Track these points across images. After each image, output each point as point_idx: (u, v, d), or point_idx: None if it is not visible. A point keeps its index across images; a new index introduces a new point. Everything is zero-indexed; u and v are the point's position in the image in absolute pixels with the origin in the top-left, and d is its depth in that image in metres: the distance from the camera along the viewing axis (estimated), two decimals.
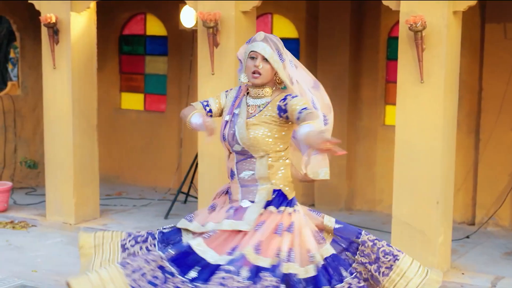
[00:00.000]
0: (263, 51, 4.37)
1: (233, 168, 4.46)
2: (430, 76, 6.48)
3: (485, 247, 7.74)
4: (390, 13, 9.07)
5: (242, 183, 4.44)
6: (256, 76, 4.40)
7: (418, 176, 6.61)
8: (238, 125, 4.39)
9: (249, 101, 4.49)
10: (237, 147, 4.40)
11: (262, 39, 4.41)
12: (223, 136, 4.48)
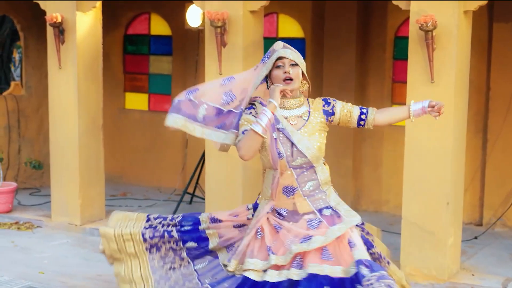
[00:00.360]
0: (290, 56, 4.37)
1: (292, 184, 4.36)
2: (440, 76, 6.43)
3: (494, 248, 7.69)
4: (397, 12, 9.04)
5: (307, 195, 4.38)
6: (289, 82, 4.35)
7: (428, 177, 6.56)
8: (296, 138, 4.32)
9: (283, 113, 4.40)
10: (299, 161, 4.33)
11: (283, 47, 4.40)
12: (280, 154, 4.32)
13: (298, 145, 4.30)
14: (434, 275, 6.60)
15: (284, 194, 4.38)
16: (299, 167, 4.34)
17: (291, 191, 4.37)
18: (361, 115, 4.55)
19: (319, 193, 4.39)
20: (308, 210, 4.37)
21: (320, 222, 4.35)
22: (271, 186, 4.38)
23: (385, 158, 9.20)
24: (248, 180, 7.47)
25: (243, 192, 7.42)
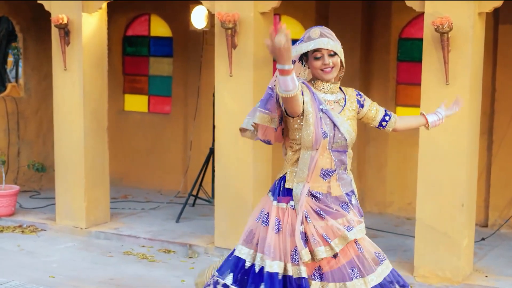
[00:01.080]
0: (328, 46, 4.31)
1: (331, 167, 4.34)
2: (455, 78, 6.43)
3: (503, 250, 7.71)
4: (401, 14, 9.09)
5: (340, 178, 4.40)
6: (329, 71, 4.33)
7: (443, 179, 6.55)
8: (338, 120, 4.32)
9: (325, 97, 4.38)
10: (339, 143, 4.33)
11: (320, 35, 4.32)
12: (324, 134, 4.28)
13: (341, 128, 4.31)
14: (448, 277, 6.59)
15: (322, 176, 4.34)
16: (337, 150, 4.34)
17: (328, 174, 4.35)
18: (385, 116, 4.72)
19: (346, 177, 4.44)
20: (339, 194, 4.38)
21: (348, 207, 4.39)
22: (309, 167, 4.32)
23: (389, 160, 9.20)
24: (258, 182, 7.43)
25: (253, 194, 7.37)
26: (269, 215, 4.43)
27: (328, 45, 4.30)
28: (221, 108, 7.42)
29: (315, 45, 4.31)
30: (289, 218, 4.33)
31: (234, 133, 7.33)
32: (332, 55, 4.32)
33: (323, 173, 4.34)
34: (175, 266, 7.23)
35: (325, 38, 4.33)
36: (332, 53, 4.32)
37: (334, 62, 4.32)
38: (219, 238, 7.55)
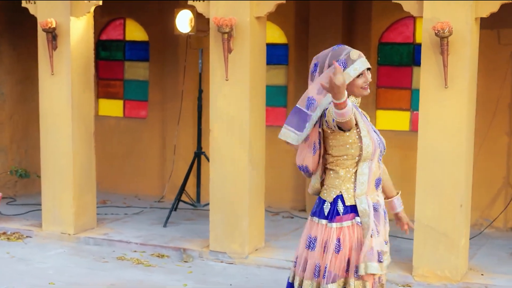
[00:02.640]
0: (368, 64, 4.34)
1: (379, 175, 4.38)
2: (454, 81, 6.59)
3: (489, 249, 7.90)
4: (381, 19, 9.26)
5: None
6: (367, 87, 4.34)
7: (442, 180, 6.70)
8: (377, 131, 4.41)
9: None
10: (383, 152, 4.40)
11: (359, 56, 4.29)
12: (378, 144, 4.32)
13: (381, 137, 4.38)
14: (447, 276, 6.74)
15: (375, 186, 4.35)
16: (380, 157, 4.40)
17: (378, 183, 4.38)
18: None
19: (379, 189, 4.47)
20: (382, 202, 4.40)
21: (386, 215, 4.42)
22: (368, 178, 4.30)
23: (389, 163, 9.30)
24: (254, 186, 7.48)
25: (249, 198, 7.41)
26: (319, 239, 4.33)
27: (367, 63, 4.34)
28: (216, 113, 7.44)
29: (366, 65, 4.29)
30: (355, 234, 4.27)
31: (230, 137, 7.38)
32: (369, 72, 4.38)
33: (376, 182, 4.37)
34: (172, 271, 7.22)
35: (363, 57, 4.35)
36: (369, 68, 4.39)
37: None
38: (214, 242, 7.57)
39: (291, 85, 9.65)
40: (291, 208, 9.66)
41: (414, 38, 9.17)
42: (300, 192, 9.67)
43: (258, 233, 7.66)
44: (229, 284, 6.85)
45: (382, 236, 4.29)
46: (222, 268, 7.32)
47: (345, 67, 4.25)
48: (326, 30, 9.27)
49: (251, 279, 7.00)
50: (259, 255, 7.49)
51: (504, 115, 8.65)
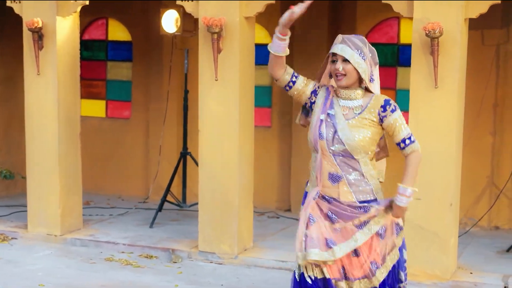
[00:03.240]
0: (342, 53, 4.39)
1: (336, 171, 4.40)
2: (444, 82, 6.64)
3: (476, 247, 7.97)
4: (366, 19, 9.31)
5: (352, 184, 4.42)
6: (340, 78, 4.42)
7: (432, 180, 6.74)
8: (340, 126, 4.39)
9: (341, 102, 4.48)
10: (338, 147, 4.38)
11: (341, 41, 4.43)
12: (320, 135, 4.41)
13: (340, 133, 4.37)
14: (437, 275, 6.80)
15: (330, 180, 4.42)
16: (340, 154, 4.39)
17: (336, 179, 4.41)
18: (400, 143, 4.53)
19: (365, 185, 4.44)
20: (350, 200, 4.43)
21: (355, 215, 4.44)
22: (315, 169, 4.47)
23: None
24: (244, 186, 7.48)
25: (239, 198, 7.41)
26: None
27: (342, 51, 4.38)
28: (205, 112, 7.43)
29: (332, 49, 4.45)
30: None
31: (220, 137, 7.38)
32: (347, 61, 4.39)
33: (331, 177, 4.42)
34: (162, 271, 7.20)
35: (343, 44, 4.41)
36: (346, 59, 4.39)
37: (346, 70, 4.38)
38: (203, 242, 7.55)
39: (276, 86, 9.64)
40: (276, 208, 9.67)
41: (398, 39, 9.24)
42: (285, 192, 9.69)
43: (247, 233, 7.67)
44: (221, 284, 6.84)
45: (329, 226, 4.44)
46: (212, 268, 7.31)
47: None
48: (311, 31, 9.31)
49: (242, 279, 6.99)
50: (249, 255, 7.49)
51: (489, 115, 8.74)
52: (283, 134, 9.67)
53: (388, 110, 4.47)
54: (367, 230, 4.45)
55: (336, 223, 4.46)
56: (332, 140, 4.39)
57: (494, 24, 8.60)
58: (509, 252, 7.78)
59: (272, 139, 9.59)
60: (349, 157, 4.39)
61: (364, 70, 4.41)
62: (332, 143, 4.39)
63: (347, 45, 4.41)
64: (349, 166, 4.41)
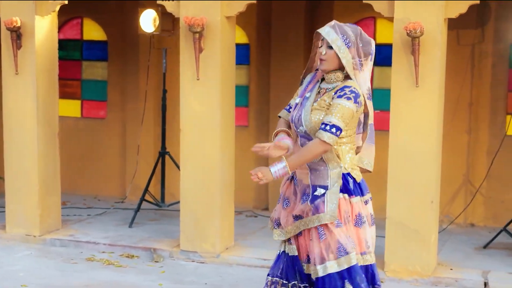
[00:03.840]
0: (326, 36, 4.43)
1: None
2: (425, 81, 6.73)
3: (454, 244, 8.08)
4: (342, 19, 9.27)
5: (312, 167, 4.50)
6: (321, 62, 4.50)
7: (413, 178, 6.82)
8: (304, 108, 4.50)
9: (323, 85, 4.57)
10: (301, 129, 4.50)
11: (331, 26, 4.47)
12: (291, 118, 4.58)
13: (302, 114, 4.48)
14: (418, 271, 6.88)
15: None
16: (305, 136, 4.50)
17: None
18: (321, 125, 4.41)
19: (324, 169, 4.48)
20: (306, 183, 4.54)
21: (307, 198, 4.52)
22: (294, 151, 4.58)
23: None
24: (226, 185, 7.51)
25: (221, 197, 7.44)
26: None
27: (326, 35, 4.41)
28: (187, 112, 7.44)
29: (319, 29, 4.50)
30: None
31: (201, 136, 7.40)
32: (330, 48, 4.44)
33: None
34: (145, 271, 7.19)
35: (330, 28, 4.45)
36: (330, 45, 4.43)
37: (327, 55, 4.43)
38: (185, 241, 7.56)
39: (253, 85, 9.71)
40: (253, 208, 9.71)
41: (375, 38, 9.31)
42: (262, 191, 9.73)
43: (228, 232, 7.69)
44: (204, 283, 6.86)
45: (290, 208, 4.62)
46: (194, 267, 7.33)
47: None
48: (288, 30, 9.37)
49: (225, 278, 7.02)
50: (231, 254, 7.52)
51: (464, 114, 8.86)
52: (260, 133, 9.71)
53: (338, 93, 4.43)
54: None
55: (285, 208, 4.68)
56: (298, 121, 4.52)
57: (469, 24, 8.72)
58: (486, 248, 7.90)
59: (249, 138, 9.62)
60: (310, 139, 4.47)
61: (345, 56, 4.42)
62: (297, 125, 4.53)
63: (334, 30, 4.45)
64: None
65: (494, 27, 8.83)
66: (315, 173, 4.50)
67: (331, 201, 4.44)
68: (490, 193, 8.90)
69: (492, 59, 8.86)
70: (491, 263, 7.35)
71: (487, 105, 8.93)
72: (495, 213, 8.98)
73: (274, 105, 9.54)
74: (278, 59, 9.45)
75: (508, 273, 7.02)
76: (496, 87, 8.87)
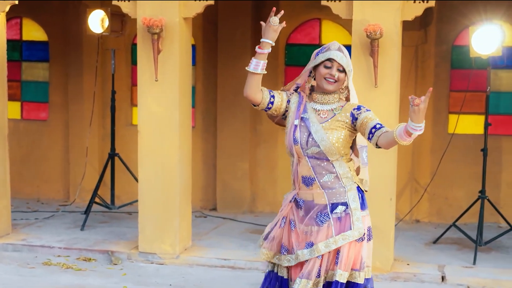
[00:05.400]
0: (341, 61, 4.53)
1: (309, 174, 4.53)
2: (383, 81, 6.91)
3: (404, 240, 8.28)
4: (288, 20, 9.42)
5: (326, 187, 4.54)
6: (331, 82, 4.55)
7: (373, 175, 6.85)
8: (314, 129, 4.51)
9: (316, 106, 4.61)
10: (314, 150, 4.49)
11: (337, 49, 4.56)
12: (295, 140, 4.54)
13: (314, 135, 4.51)
14: (378, 267, 7.04)
15: (304, 183, 4.56)
16: (314, 157, 4.52)
17: (309, 181, 4.55)
18: (372, 129, 4.48)
19: (339, 187, 4.56)
20: (322, 203, 4.54)
21: (328, 219, 4.53)
22: (292, 173, 4.61)
23: (280, 161, 9.55)
24: (184, 185, 7.52)
25: (180, 198, 7.44)
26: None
27: (341, 60, 4.54)
28: (145, 113, 7.42)
29: (329, 55, 4.54)
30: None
31: (160, 137, 7.39)
32: (341, 71, 4.55)
33: (304, 180, 4.57)
34: (106, 274, 7.14)
35: (340, 53, 4.56)
36: (342, 69, 4.55)
37: (340, 77, 4.55)
38: (143, 243, 7.54)
39: (199, 85, 9.72)
40: (201, 208, 9.72)
41: (320, 40, 9.47)
42: (210, 191, 9.77)
43: (187, 233, 7.71)
44: (169, 284, 6.86)
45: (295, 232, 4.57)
46: (155, 269, 7.31)
47: (321, 51, 4.62)
48: (235, 31, 9.43)
49: (188, 279, 7.04)
50: (190, 255, 7.54)
51: (407, 113, 9.06)
52: (207, 134, 9.74)
53: (363, 109, 4.61)
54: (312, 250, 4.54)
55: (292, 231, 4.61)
56: (306, 143, 4.52)
57: (413, 26, 8.95)
58: (436, 243, 8.15)
59: (196, 139, 9.62)
60: (324, 159, 4.52)
61: (351, 81, 4.66)
62: (307, 146, 4.52)
63: (343, 54, 4.57)
64: (323, 168, 4.53)
65: (436, 28, 9.12)
66: (330, 191, 4.54)
67: (356, 218, 4.55)
68: (434, 190, 9.17)
69: (435, 59, 9.15)
70: (444, 258, 7.59)
71: (430, 105, 9.16)
72: (439, 209, 9.27)
73: (221, 105, 9.59)
74: (225, 59, 9.49)
75: (463, 267, 7.28)
76: (439, 87, 9.15)
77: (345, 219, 4.53)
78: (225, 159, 9.59)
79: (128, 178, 9.13)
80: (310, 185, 4.55)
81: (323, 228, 4.52)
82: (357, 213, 4.56)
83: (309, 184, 4.55)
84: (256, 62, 4.63)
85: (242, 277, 7.10)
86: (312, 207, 4.56)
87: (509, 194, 9.10)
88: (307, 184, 4.56)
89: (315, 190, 4.55)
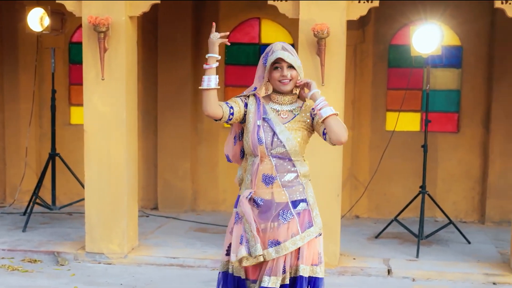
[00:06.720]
0: (288, 59, 4.59)
1: (272, 173, 4.58)
2: (330, 80, 7.03)
3: (347, 235, 8.38)
4: (228, 20, 9.56)
5: (286, 185, 4.60)
6: (286, 83, 4.61)
7: (320, 172, 7.09)
8: (279, 129, 4.57)
9: (275, 107, 4.67)
10: (279, 150, 4.56)
11: (281, 48, 4.61)
12: (259, 140, 4.59)
13: (280, 135, 4.57)
14: (326, 262, 7.03)
15: (264, 182, 4.61)
16: (278, 156, 4.59)
17: (270, 180, 4.60)
18: (324, 129, 4.57)
19: (298, 184, 4.64)
20: (283, 201, 4.61)
21: (291, 216, 4.60)
22: (251, 172, 4.61)
23: (220, 159, 9.60)
24: (132, 185, 7.50)
25: (127, 197, 7.41)
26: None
27: (288, 58, 4.60)
28: (91, 112, 7.36)
29: (276, 55, 4.59)
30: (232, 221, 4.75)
31: (106, 137, 7.34)
32: (291, 68, 4.62)
33: (265, 179, 4.61)
34: (54, 275, 7.06)
35: (286, 52, 4.62)
36: (291, 66, 4.61)
37: (292, 75, 4.62)
38: (90, 243, 7.47)
39: (139, 85, 9.61)
40: (142, 207, 9.69)
41: (259, 39, 9.57)
42: (151, 191, 9.75)
43: (133, 232, 7.68)
44: (120, 283, 6.83)
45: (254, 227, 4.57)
46: (104, 269, 7.27)
47: (267, 55, 4.64)
48: (175, 30, 9.44)
49: (138, 278, 7.02)
50: (138, 254, 7.52)
51: (348, 110, 9.26)
52: (148, 132, 9.72)
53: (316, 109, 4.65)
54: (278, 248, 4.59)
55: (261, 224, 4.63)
56: (271, 143, 4.58)
57: (352, 25, 9.11)
58: (378, 238, 8.33)
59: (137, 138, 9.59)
60: (287, 159, 4.59)
61: (302, 75, 4.69)
62: (272, 146, 4.58)
63: (289, 53, 4.62)
64: (285, 168, 4.60)
65: (374, 28, 9.32)
66: (290, 189, 4.61)
67: (315, 214, 4.68)
68: (373, 186, 9.37)
69: (373, 58, 9.36)
70: (387, 252, 7.78)
71: (369, 102, 9.41)
72: (378, 205, 9.49)
73: (161, 104, 9.59)
74: (165, 58, 9.49)
75: (407, 260, 7.48)
76: (377, 85, 9.37)
77: (306, 215, 4.62)
78: (166, 158, 9.59)
79: (67, 179, 9.05)
80: (270, 184, 4.60)
81: (286, 225, 4.58)
82: (316, 209, 4.69)
83: (269, 183, 4.60)
84: (208, 79, 4.56)
85: (192, 275, 7.12)
86: (271, 205, 4.60)
87: (445, 189, 9.39)
88: (267, 183, 4.60)
89: (275, 189, 4.60)
